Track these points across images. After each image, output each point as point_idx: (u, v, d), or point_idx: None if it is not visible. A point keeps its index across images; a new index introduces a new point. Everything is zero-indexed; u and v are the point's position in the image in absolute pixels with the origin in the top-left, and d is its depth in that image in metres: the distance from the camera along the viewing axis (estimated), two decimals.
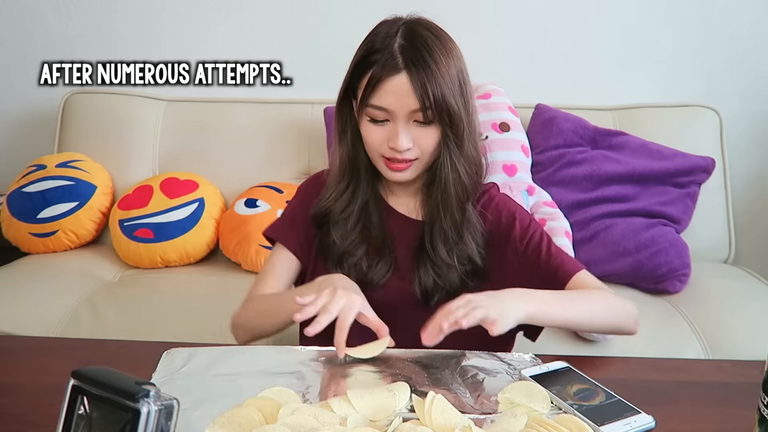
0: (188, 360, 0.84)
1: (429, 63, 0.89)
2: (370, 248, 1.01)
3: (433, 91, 0.88)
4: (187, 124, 1.93)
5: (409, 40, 0.90)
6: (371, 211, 1.02)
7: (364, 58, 0.92)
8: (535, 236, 1.00)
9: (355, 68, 0.94)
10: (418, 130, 0.92)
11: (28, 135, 2.11)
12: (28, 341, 1.03)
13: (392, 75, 0.89)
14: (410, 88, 0.88)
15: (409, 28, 0.92)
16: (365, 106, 0.92)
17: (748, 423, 0.70)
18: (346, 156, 1.00)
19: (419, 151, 0.94)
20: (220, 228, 1.78)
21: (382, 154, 0.95)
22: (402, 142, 0.91)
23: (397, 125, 0.91)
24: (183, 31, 2.03)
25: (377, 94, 0.90)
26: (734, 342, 1.41)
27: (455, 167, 0.96)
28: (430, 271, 0.98)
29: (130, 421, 0.51)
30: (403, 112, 0.90)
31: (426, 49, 0.89)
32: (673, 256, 1.61)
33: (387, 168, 0.96)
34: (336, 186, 1.01)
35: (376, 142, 0.94)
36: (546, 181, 1.75)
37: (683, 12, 1.96)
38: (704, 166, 1.76)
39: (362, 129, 0.95)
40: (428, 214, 1.01)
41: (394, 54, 0.89)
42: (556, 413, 0.73)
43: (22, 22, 2.03)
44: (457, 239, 0.98)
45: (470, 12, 1.97)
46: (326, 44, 1.98)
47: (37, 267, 1.70)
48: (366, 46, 0.93)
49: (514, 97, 1.85)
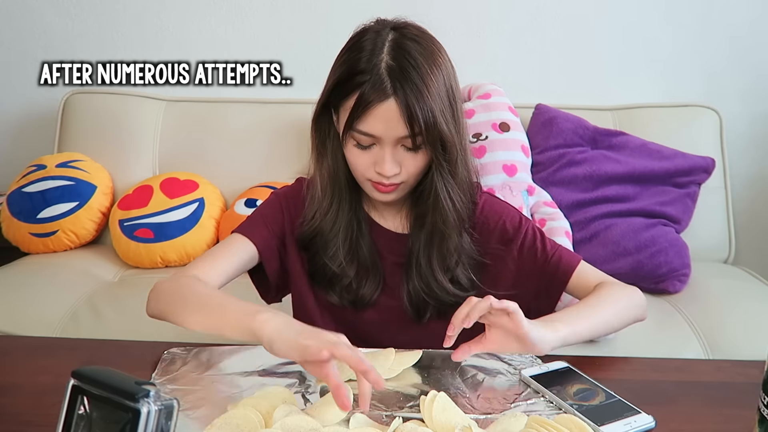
0: (188, 360, 0.84)
1: (419, 85, 0.83)
2: (360, 268, 0.97)
3: (425, 117, 0.83)
4: (187, 124, 1.93)
5: (396, 59, 0.84)
6: (357, 228, 0.98)
7: (348, 77, 0.86)
8: (528, 234, 0.98)
9: (336, 86, 0.88)
10: (405, 155, 0.88)
11: (28, 135, 2.11)
12: (28, 341, 1.03)
13: (381, 101, 0.83)
14: (399, 115, 0.83)
15: (396, 43, 0.86)
16: (351, 130, 0.87)
17: (748, 423, 0.70)
18: (327, 173, 0.95)
19: (406, 175, 0.90)
20: (220, 228, 1.78)
21: (368, 178, 0.91)
22: (389, 169, 0.87)
23: (384, 151, 0.87)
24: (183, 31, 2.03)
25: (364, 120, 0.85)
26: (734, 342, 1.40)
27: (451, 195, 0.92)
28: (419, 285, 0.96)
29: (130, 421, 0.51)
30: (391, 138, 0.86)
31: (415, 68, 0.84)
32: (673, 256, 1.61)
33: (374, 189, 0.92)
34: (320, 204, 0.96)
35: (362, 167, 0.90)
36: (546, 181, 1.75)
37: (683, 12, 1.96)
38: (704, 166, 1.76)
39: (347, 152, 0.91)
40: (416, 233, 0.96)
41: (382, 77, 0.83)
42: (556, 413, 0.73)
43: (22, 22, 2.03)
44: (452, 265, 0.95)
45: (470, 12, 1.97)
46: (326, 44, 1.97)
47: (37, 267, 1.70)
48: (350, 63, 0.87)
49: (514, 97, 1.84)
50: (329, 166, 0.95)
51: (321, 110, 0.93)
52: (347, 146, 0.90)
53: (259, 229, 0.98)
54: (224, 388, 0.77)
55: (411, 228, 0.98)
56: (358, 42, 0.88)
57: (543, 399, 0.77)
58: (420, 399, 0.72)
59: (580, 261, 0.97)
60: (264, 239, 0.98)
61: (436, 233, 0.94)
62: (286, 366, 0.83)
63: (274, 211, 1.01)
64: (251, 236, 0.97)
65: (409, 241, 0.98)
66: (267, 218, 1.00)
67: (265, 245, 0.98)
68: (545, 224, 1.65)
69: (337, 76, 0.88)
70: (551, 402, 0.76)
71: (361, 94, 0.84)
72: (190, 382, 0.78)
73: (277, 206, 1.02)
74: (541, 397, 0.77)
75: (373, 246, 0.99)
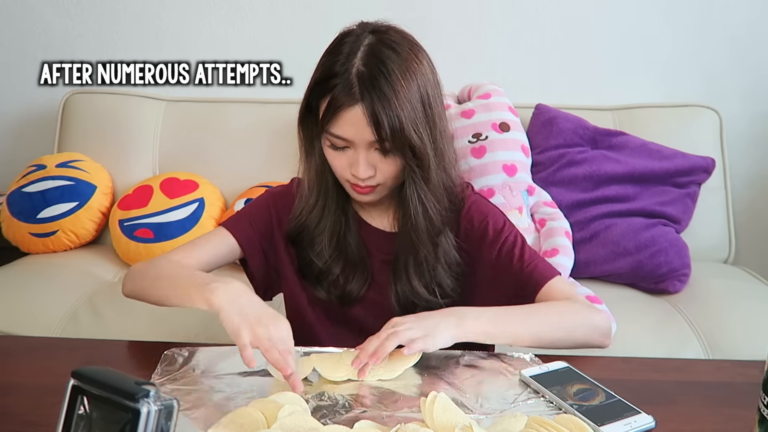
0: (188, 360, 0.84)
1: (386, 92, 0.83)
2: (347, 264, 0.98)
3: (390, 123, 0.83)
4: (187, 124, 1.93)
5: (368, 65, 0.85)
6: (344, 226, 0.99)
7: (323, 80, 0.87)
8: (509, 240, 0.97)
9: (315, 87, 0.89)
10: (378, 158, 0.88)
11: (28, 135, 2.11)
12: (29, 341, 1.03)
13: (349, 105, 0.84)
14: (365, 121, 0.84)
15: (371, 48, 0.86)
16: (324, 132, 0.88)
17: (748, 423, 0.70)
18: (314, 172, 0.96)
19: (382, 178, 0.90)
20: None
21: (346, 179, 0.92)
22: (362, 171, 0.88)
23: (358, 153, 0.88)
24: (183, 31, 2.03)
25: (336, 123, 0.86)
26: (734, 342, 1.41)
27: (422, 201, 0.92)
28: (406, 284, 0.96)
29: (130, 421, 0.51)
30: (362, 142, 0.87)
31: (384, 75, 0.84)
32: (673, 256, 1.61)
33: (352, 190, 0.93)
34: (306, 201, 0.98)
35: (339, 167, 0.91)
36: (546, 181, 1.75)
37: (683, 12, 1.96)
38: (704, 166, 1.76)
39: (325, 152, 0.92)
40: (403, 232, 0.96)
41: (351, 82, 0.84)
42: (556, 413, 0.73)
43: (22, 22, 2.03)
44: (430, 270, 0.95)
45: (470, 12, 1.97)
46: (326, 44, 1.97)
47: (37, 267, 1.70)
48: (326, 65, 0.88)
49: (514, 97, 1.85)
50: (316, 164, 0.96)
51: (305, 110, 0.93)
52: (324, 147, 0.91)
53: (243, 224, 1.01)
54: (224, 389, 0.78)
55: (400, 227, 0.98)
56: (338, 44, 0.90)
57: (543, 399, 0.77)
58: (420, 400, 0.72)
59: (555, 276, 0.95)
60: (246, 235, 1.00)
61: (409, 238, 0.95)
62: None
63: (261, 208, 1.03)
64: (233, 230, 1.00)
65: (397, 241, 0.98)
66: (252, 215, 1.03)
67: (248, 241, 1.00)
68: (545, 224, 1.66)
69: (315, 77, 0.90)
70: (551, 402, 0.76)
71: (332, 98, 0.85)
72: (190, 382, 0.79)
73: (264, 204, 1.04)
74: (541, 397, 0.77)
75: (361, 243, 1.00)
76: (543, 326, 0.88)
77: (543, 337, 0.88)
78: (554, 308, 0.90)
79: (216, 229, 1.03)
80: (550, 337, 0.88)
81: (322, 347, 0.88)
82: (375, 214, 1.02)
